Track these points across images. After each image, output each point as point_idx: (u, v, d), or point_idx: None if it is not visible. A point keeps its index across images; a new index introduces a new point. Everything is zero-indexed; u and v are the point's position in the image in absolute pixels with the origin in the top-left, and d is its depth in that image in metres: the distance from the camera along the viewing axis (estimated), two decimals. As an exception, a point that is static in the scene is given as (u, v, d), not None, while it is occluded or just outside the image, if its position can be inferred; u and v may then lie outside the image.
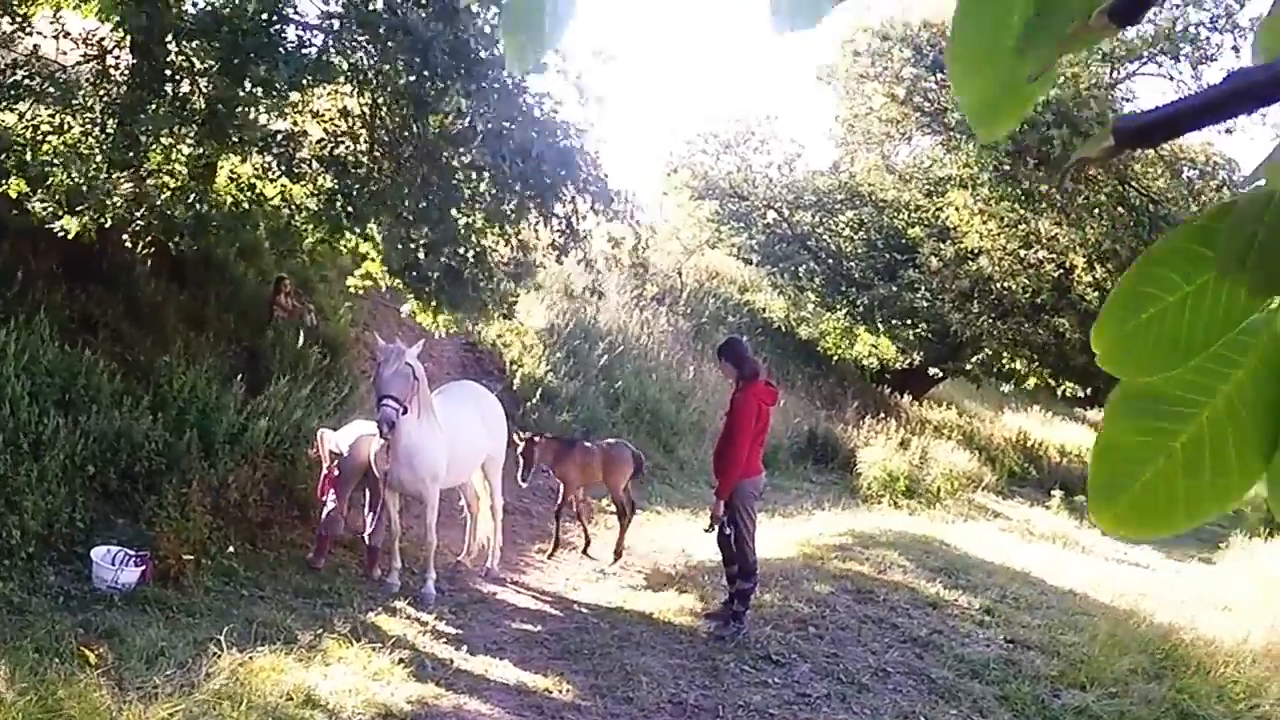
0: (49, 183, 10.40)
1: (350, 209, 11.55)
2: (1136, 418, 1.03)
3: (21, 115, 10.80)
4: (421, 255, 11.87)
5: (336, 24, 11.11)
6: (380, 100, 12.05)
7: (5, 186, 10.82)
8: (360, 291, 14.29)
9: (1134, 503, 1.02)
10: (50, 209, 10.53)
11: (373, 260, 12.87)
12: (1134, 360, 1.03)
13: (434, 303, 12.48)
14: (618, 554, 11.85)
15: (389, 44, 10.68)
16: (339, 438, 10.35)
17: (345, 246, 12.96)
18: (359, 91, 12.00)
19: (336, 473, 10.21)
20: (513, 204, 11.91)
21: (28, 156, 10.63)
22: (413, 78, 10.84)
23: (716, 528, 9.56)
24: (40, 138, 10.70)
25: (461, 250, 12.12)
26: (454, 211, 11.58)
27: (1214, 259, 1.00)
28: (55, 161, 10.43)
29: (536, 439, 11.92)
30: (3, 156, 10.71)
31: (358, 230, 11.98)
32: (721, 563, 9.92)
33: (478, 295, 12.48)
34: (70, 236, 10.62)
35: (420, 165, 11.69)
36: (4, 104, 10.41)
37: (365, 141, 12.38)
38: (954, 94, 1.09)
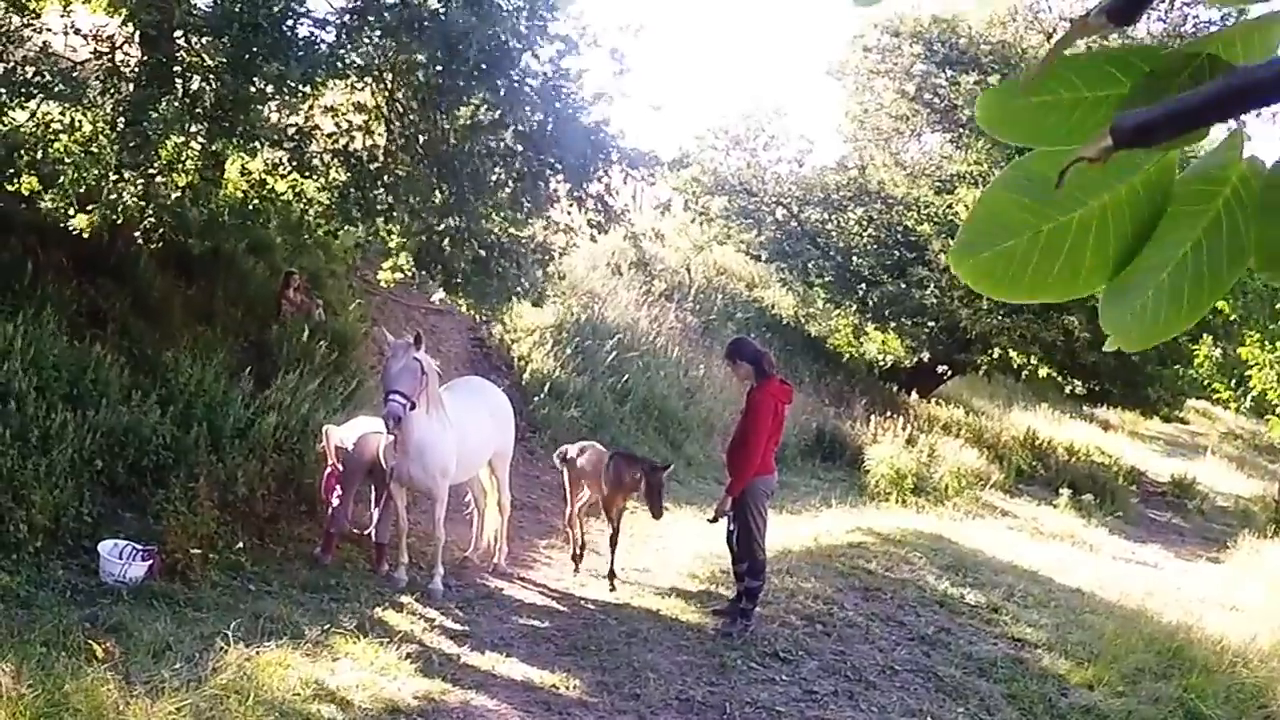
0: (60, 181, 10.41)
1: (363, 202, 11.56)
2: (1022, 192, 1.11)
3: (33, 113, 10.80)
4: (448, 247, 11.90)
5: (349, 19, 11.12)
6: (399, 94, 12.08)
7: (17, 185, 10.83)
8: (391, 284, 14.32)
9: (988, 262, 1.12)
10: (61, 207, 10.53)
11: (399, 254, 12.91)
12: (1004, 126, 1.15)
13: (461, 294, 12.54)
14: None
15: (405, 38, 10.70)
16: (344, 434, 10.36)
17: (370, 239, 13.00)
18: (375, 85, 12.03)
19: (341, 468, 10.22)
20: (543, 189, 11.97)
21: (39, 154, 10.64)
22: (438, 68, 10.88)
23: (723, 523, 9.58)
24: (51, 135, 10.70)
25: (490, 239, 12.16)
26: (478, 201, 11.61)
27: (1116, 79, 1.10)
28: (66, 160, 10.43)
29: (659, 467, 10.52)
30: (14, 154, 10.71)
31: (376, 223, 11.98)
32: (730, 560, 9.92)
33: (505, 284, 12.53)
34: (81, 233, 10.63)
35: (441, 156, 11.72)
36: (15, 101, 10.41)
37: (381, 135, 12.40)
38: None
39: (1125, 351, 1.23)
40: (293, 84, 10.08)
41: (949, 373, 28.73)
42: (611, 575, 10.65)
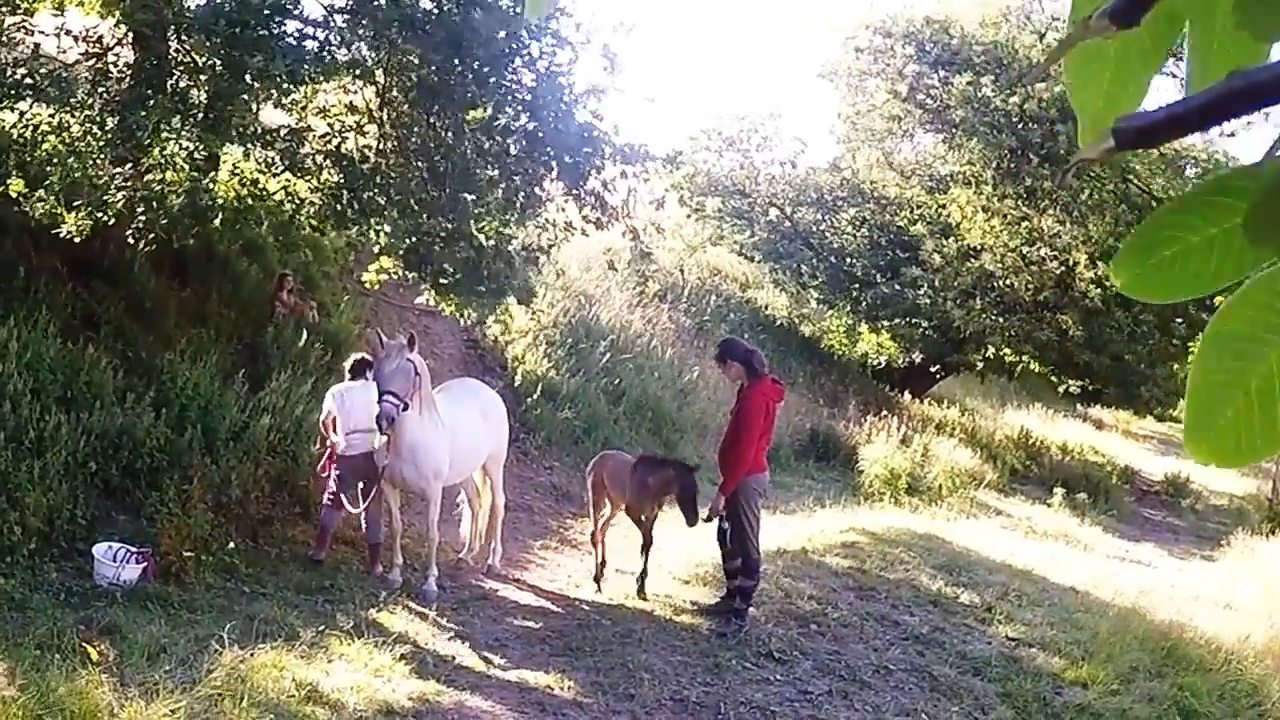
0: (48, 181, 10.40)
1: (355, 203, 11.56)
2: (1219, 359, 1.10)
3: (22, 114, 10.79)
4: (438, 248, 11.91)
5: (339, 19, 11.12)
6: (390, 94, 12.08)
7: (6, 186, 10.81)
8: (377, 285, 14.32)
9: (1220, 438, 1.11)
10: (50, 207, 10.51)
11: (388, 255, 12.90)
12: (1154, 290, 1.12)
13: (451, 295, 12.53)
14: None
15: (398, 38, 10.71)
16: (335, 398, 10.28)
17: (362, 240, 12.98)
18: (366, 85, 12.04)
19: (334, 446, 10.16)
20: (536, 188, 11.98)
21: (27, 156, 10.63)
22: (434, 68, 10.90)
23: (715, 522, 9.58)
24: (39, 137, 10.69)
25: (480, 241, 12.16)
26: (471, 202, 11.62)
27: (1232, 205, 1.06)
28: (54, 160, 10.42)
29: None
30: (3, 156, 10.70)
31: (366, 224, 11.97)
32: (721, 559, 9.92)
33: (497, 285, 12.52)
34: (73, 237, 10.61)
35: (433, 157, 11.73)
36: (4, 103, 10.40)
37: (374, 136, 12.40)
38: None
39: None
40: (281, 81, 10.07)
41: (942, 373, 28.75)
42: (641, 586, 10.37)
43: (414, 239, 11.73)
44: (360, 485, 10.16)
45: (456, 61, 10.76)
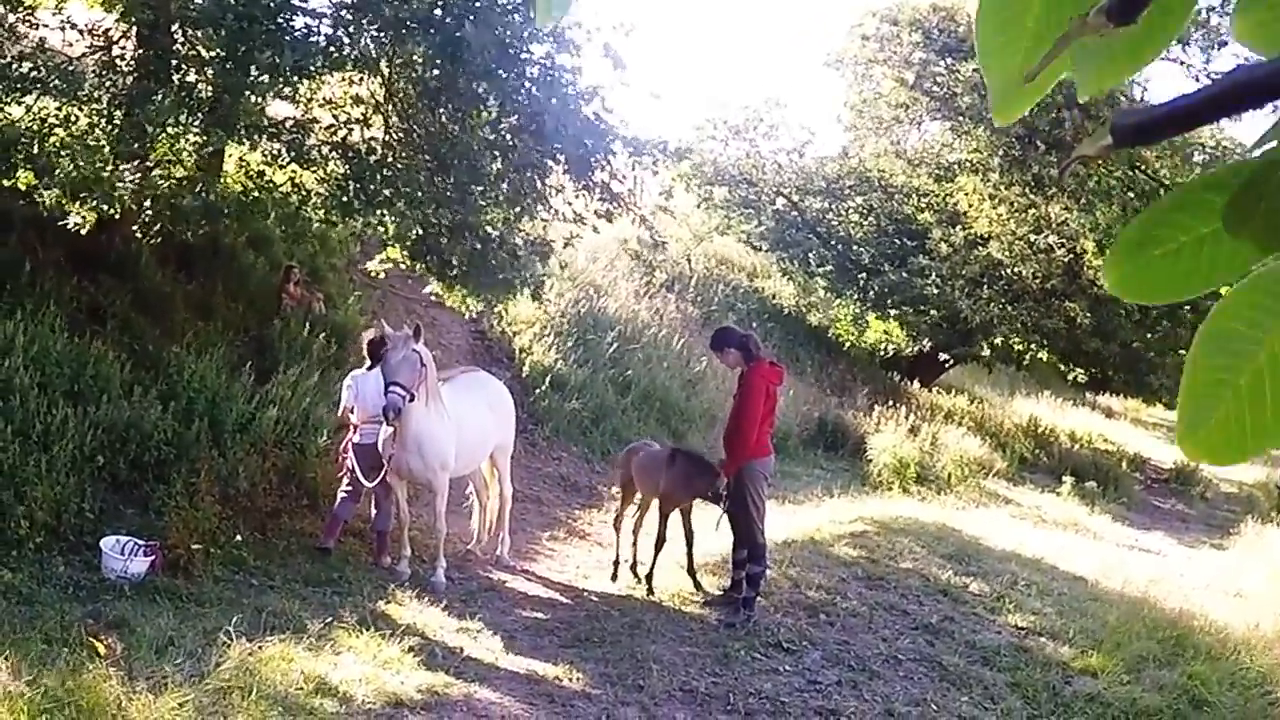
0: (56, 174, 10.39)
1: (362, 194, 11.55)
2: (1212, 357, 1.11)
3: (29, 108, 10.78)
4: (444, 239, 11.90)
5: (346, 13, 11.11)
6: (396, 86, 12.08)
7: (14, 180, 10.81)
8: (382, 275, 14.31)
9: (1212, 436, 1.12)
10: (57, 200, 10.51)
11: (393, 247, 12.89)
12: (1143, 291, 1.14)
13: (457, 286, 12.53)
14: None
15: (402, 33, 10.69)
16: (351, 386, 10.29)
17: (368, 231, 12.99)
18: (371, 77, 12.04)
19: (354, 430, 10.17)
20: (541, 181, 11.99)
21: (35, 149, 10.62)
22: (436, 70, 10.90)
23: (717, 510, 9.58)
24: (47, 130, 10.69)
25: (487, 232, 12.15)
26: (477, 193, 11.61)
27: (1218, 202, 1.07)
28: (62, 154, 10.41)
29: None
30: (11, 149, 10.69)
31: (373, 216, 11.97)
32: (730, 548, 9.90)
33: (505, 277, 12.52)
34: (79, 230, 10.61)
35: (439, 149, 11.72)
36: (11, 97, 10.39)
37: (380, 128, 12.39)
38: (985, 75, 1.15)
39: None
40: (287, 74, 10.07)
41: (951, 361, 28.70)
42: (649, 579, 10.31)
43: (421, 230, 11.73)
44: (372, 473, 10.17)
45: (455, 63, 10.73)
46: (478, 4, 10.68)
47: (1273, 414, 1.10)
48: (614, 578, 10.67)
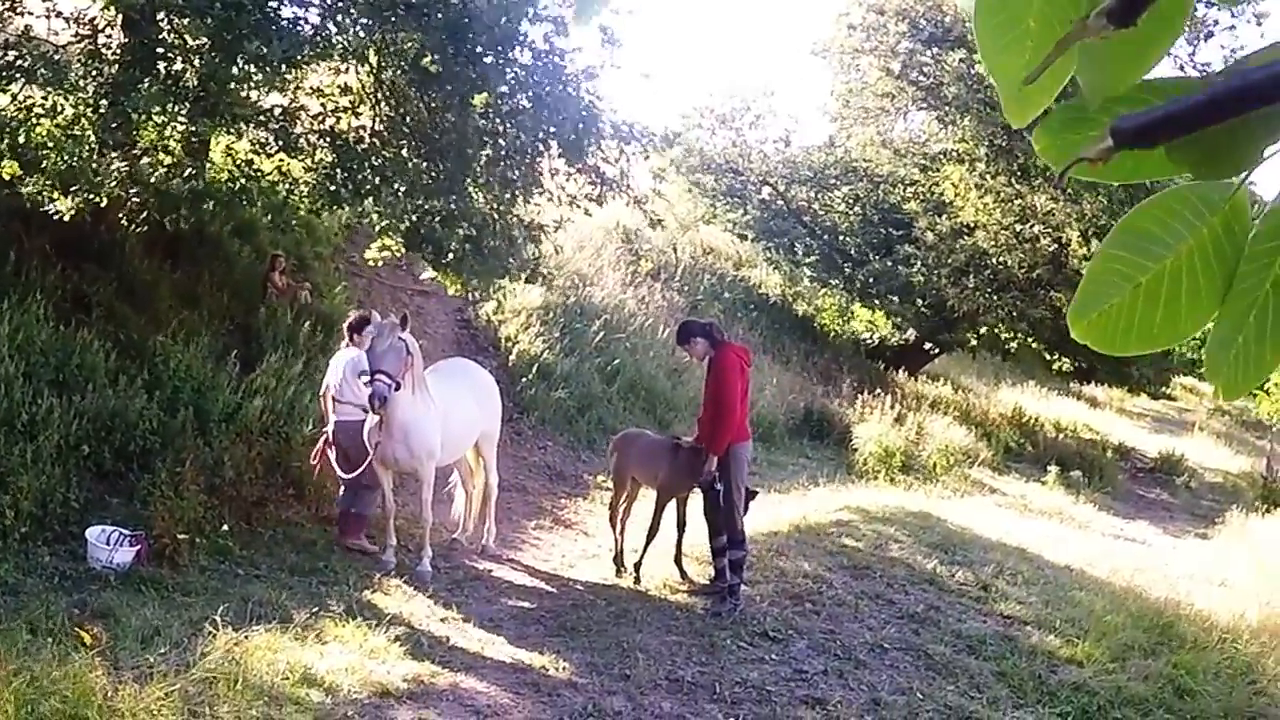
0: (42, 165, 10.34)
1: (350, 183, 11.52)
2: (1120, 249, 1.17)
3: (14, 97, 10.72)
4: (437, 226, 11.89)
5: (334, 1, 11.08)
6: (385, 75, 12.05)
7: (-1, 169, 10.77)
8: (378, 263, 14.28)
9: (1099, 321, 1.19)
10: (43, 190, 10.46)
11: (386, 235, 12.87)
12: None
13: (452, 272, 12.53)
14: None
15: (392, 20, 10.66)
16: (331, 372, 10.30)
17: (359, 220, 12.97)
18: (359, 66, 12.00)
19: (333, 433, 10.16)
20: (534, 166, 11.99)
21: (20, 138, 10.57)
22: (433, 55, 10.88)
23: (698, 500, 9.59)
24: (33, 120, 10.63)
25: (479, 218, 12.14)
26: (468, 180, 11.60)
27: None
28: (48, 144, 10.36)
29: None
30: (-3, 139, 10.65)
31: (361, 204, 11.93)
32: (708, 535, 9.87)
33: (500, 262, 12.51)
34: (63, 217, 10.55)
35: (429, 136, 11.71)
36: (-2, 86, 10.35)
37: (368, 116, 12.36)
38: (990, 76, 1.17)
39: (1225, 398, 1.34)
40: (275, 63, 10.03)
41: (936, 350, 28.75)
42: (638, 568, 10.29)
43: (414, 218, 11.72)
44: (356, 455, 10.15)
45: (453, 50, 10.71)
46: None
47: (1163, 318, 1.17)
48: (619, 572, 10.54)
